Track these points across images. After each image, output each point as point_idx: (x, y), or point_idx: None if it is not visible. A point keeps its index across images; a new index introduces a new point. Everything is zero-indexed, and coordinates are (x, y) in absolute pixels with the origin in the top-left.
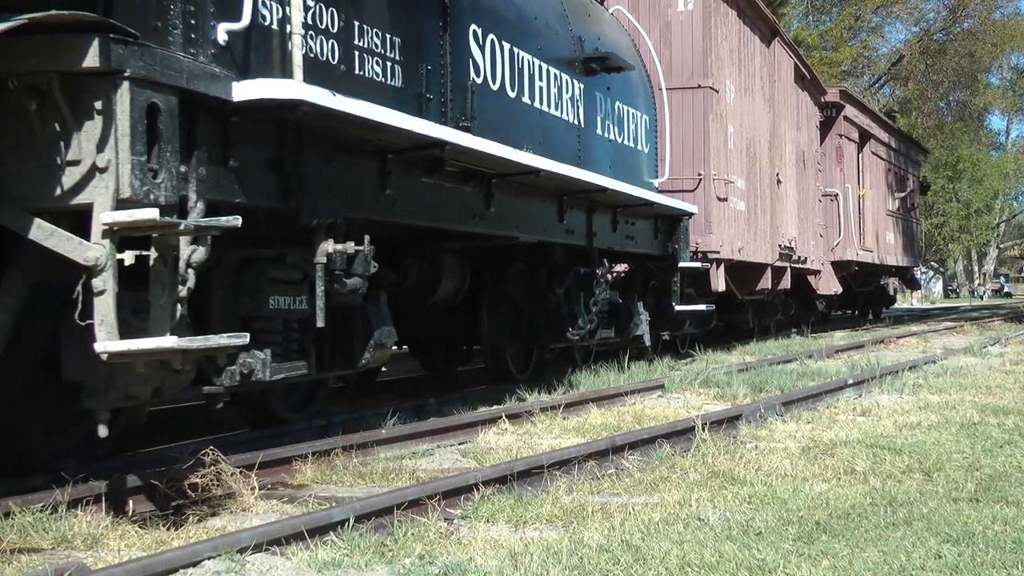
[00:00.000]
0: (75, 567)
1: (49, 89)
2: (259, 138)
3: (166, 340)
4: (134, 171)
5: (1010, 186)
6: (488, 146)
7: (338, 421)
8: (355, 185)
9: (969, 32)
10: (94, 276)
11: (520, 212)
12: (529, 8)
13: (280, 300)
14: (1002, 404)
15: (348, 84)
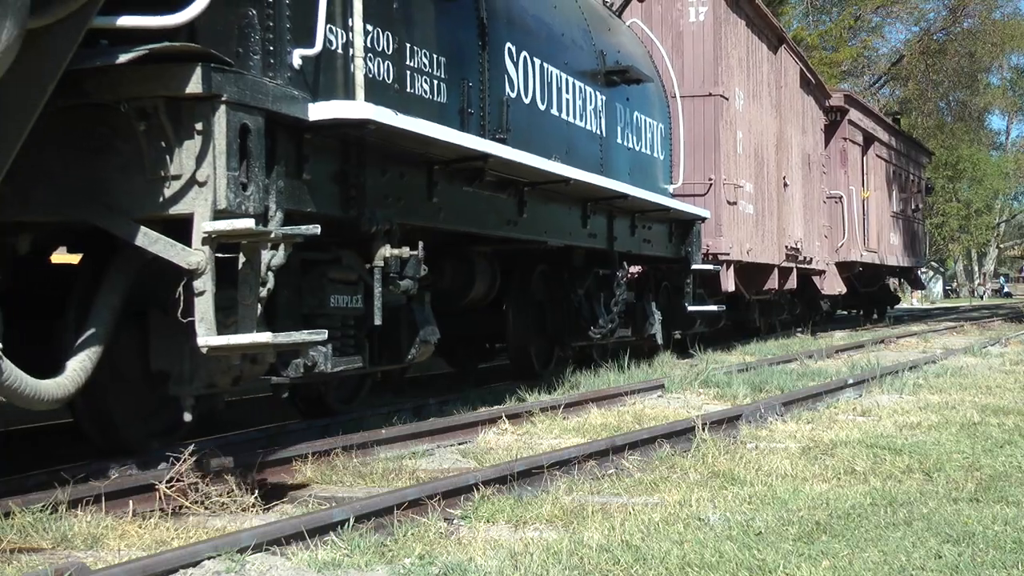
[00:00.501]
0: (75, 567)
1: (155, 112)
2: (326, 153)
3: (262, 336)
4: (229, 185)
5: (1010, 186)
6: (524, 157)
7: (338, 421)
8: (406, 194)
9: (969, 32)
10: (195, 278)
11: (549, 218)
12: (557, 25)
13: (339, 299)
14: (1002, 404)
15: (400, 101)
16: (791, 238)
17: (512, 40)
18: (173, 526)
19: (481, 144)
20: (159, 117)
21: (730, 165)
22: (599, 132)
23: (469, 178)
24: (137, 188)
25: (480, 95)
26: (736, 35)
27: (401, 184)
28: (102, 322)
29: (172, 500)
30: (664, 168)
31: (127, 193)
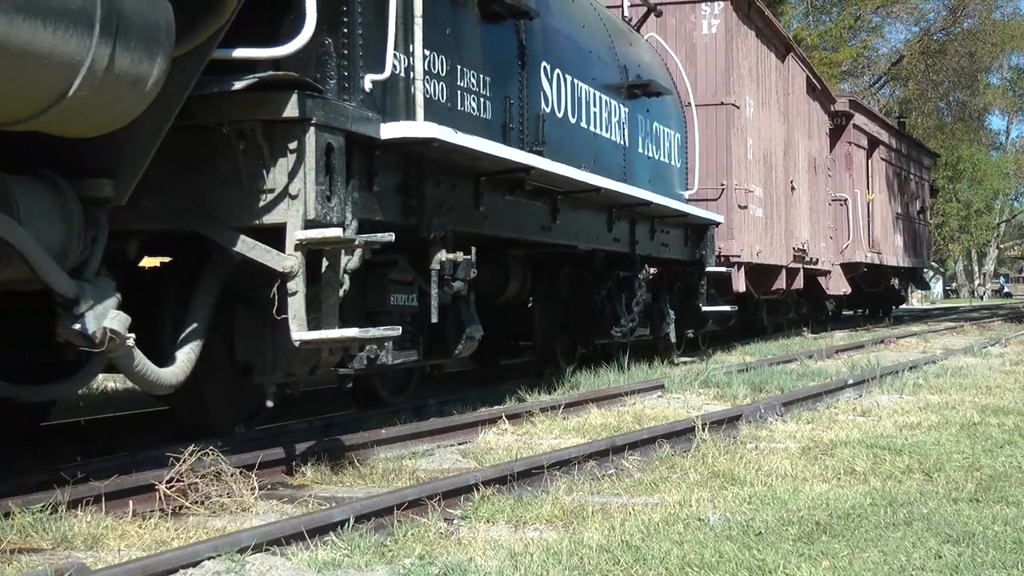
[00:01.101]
0: (75, 567)
1: (253, 133)
2: (391, 167)
3: (350, 331)
4: (317, 198)
5: (1010, 186)
6: (561, 169)
7: (338, 421)
8: (457, 203)
9: (969, 32)
10: (289, 280)
11: (578, 223)
12: (585, 43)
13: (398, 298)
14: (1002, 404)
15: (452, 118)
16: (798, 240)
17: (547, 58)
18: (173, 526)
19: (524, 157)
20: (256, 138)
21: (741, 171)
22: (623, 142)
23: (511, 188)
24: (235, 200)
25: (520, 111)
26: (746, 46)
27: (453, 194)
28: (201, 318)
29: (172, 500)
30: (680, 175)
31: (226, 204)
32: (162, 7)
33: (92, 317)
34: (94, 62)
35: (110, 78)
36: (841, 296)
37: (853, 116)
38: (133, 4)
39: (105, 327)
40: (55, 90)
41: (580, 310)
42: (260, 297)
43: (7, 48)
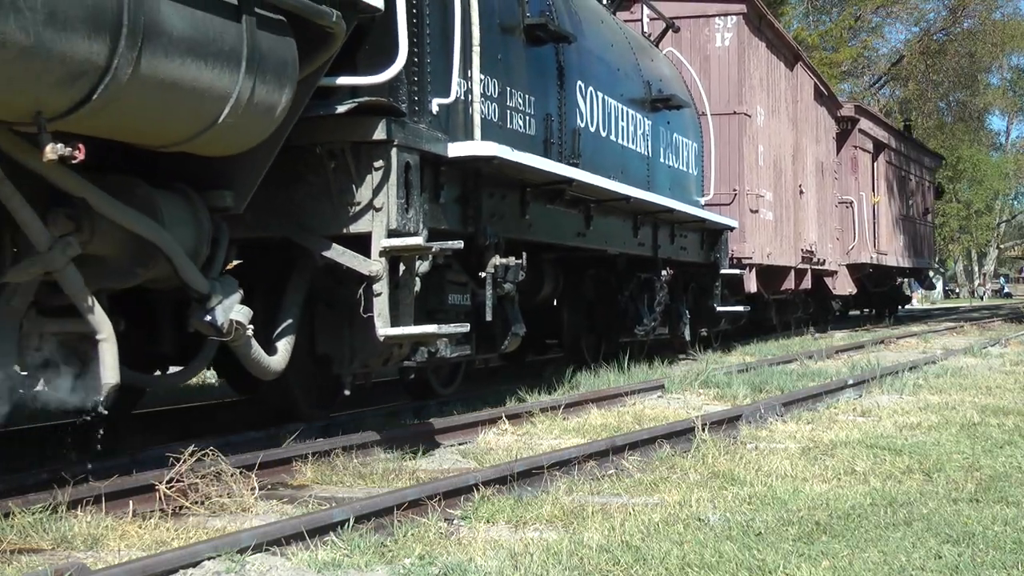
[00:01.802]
0: (75, 567)
1: (342, 153)
2: (454, 181)
3: (430, 327)
4: (398, 210)
5: (1010, 186)
6: (598, 180)
7: (338, 421)
8: (506, 212)
9: (969, 32)
10: (374, 283)
11: (608, 229)
12: (613, 61)
13: (454, 298)
14: (1002, 404)
15: (503, 135)
16: (806, 241)
17: (581, 78)
18: (173, 526)
19: (565, 170)
20: (346, 157)
21: (752, 176)
22: (647, 153)
23: (551, 198)
24: (325, 212)
25: (559, 126)
26: (757, 57)
27: (503, 204)
28: (293, 316)
29: (172, 500)
30: (697, 182)
31: (317, 216)
32: (289, 44)
33: (221, 310)
34: (239, 94)
35: (250, 107)
36: (847, 296)
37: (859, 121)
38: (269, 43)
39: (231, 319)
40: (209, 118)
41: (604, 310)
42: (340, 297)
43: (178, 85)
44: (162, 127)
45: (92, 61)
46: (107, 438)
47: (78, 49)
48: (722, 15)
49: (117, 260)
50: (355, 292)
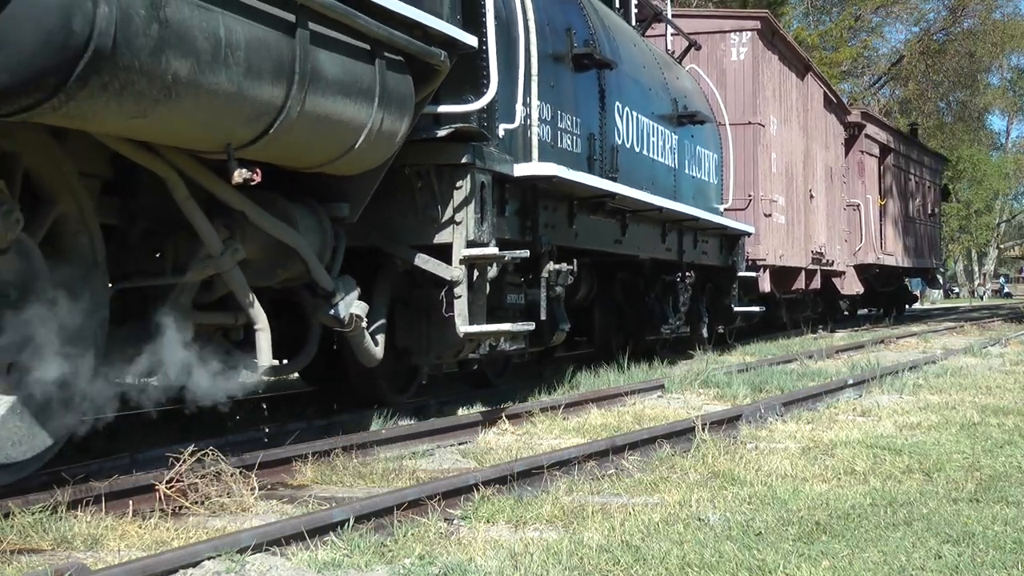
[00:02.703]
0: (75, 567)
1: (428, 174)
2: (515, 196)
3: (504, 325)
4: (475, 223)
5: (1010, 186)
6: (635, 193)
7: (338, 421)
8: (557, 223)
9: (969, 32)
10: (455, 287)
11: (640, 236)
12: (645, 81)
13: (512, 298)
14: (1002, 404)
15: (554, 155)
16: (816, 243)
17: (619, 98)
18: (173, 526)
19: (609, 185)
20: (430, 178)
21: (766, 183)
22: (673, 165)
23: (593, 209)
24: (411, 224)
25: (600, 144)
26: (770, 69)
27: (554, 216)
28: (381, 314)
29: (172, 500)
30: (717, 190)
31: (404, 228)
32: (408, 81)
33: (343, 305)
34: (372, 124)
35: (379, 135)
36: (855, 295)
37: (865, 126)
38: (394, 81)
39: (351, 312)
40: (348, 145)
41: (632, 310)
42: (416, 298)
43: (330, 119)
44: (314, 152)
45: (272, 102)
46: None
47: (264, 93)
48: (737, 31)
49: (262, 262)
50: (429, 293)
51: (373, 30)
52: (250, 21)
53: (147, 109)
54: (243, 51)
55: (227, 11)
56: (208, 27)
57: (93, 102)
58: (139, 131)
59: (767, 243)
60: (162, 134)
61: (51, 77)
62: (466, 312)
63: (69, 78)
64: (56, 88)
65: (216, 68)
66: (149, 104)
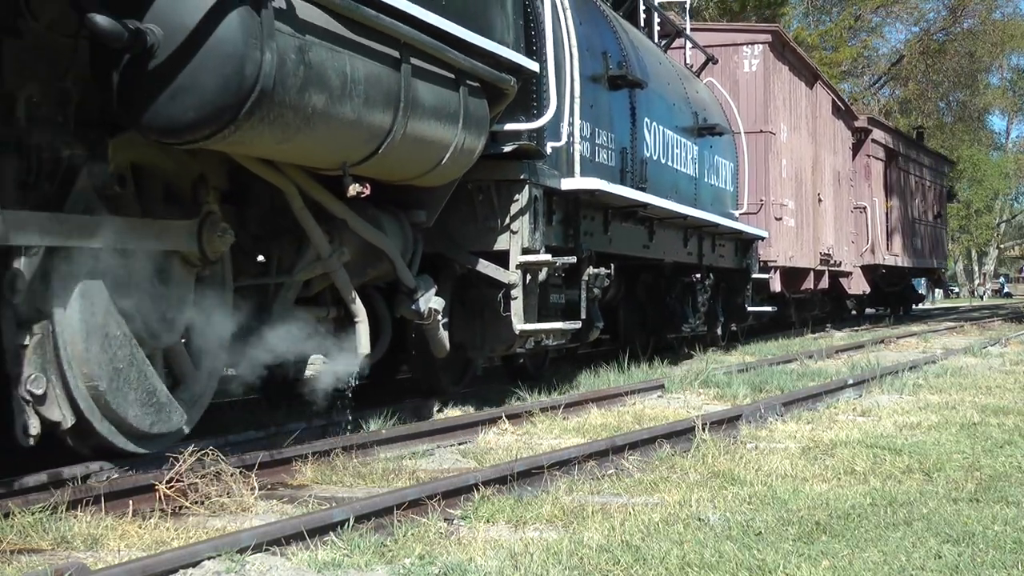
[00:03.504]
0: (75, 567)
1: (488, 188)
2: (561, 207)
3: (556, 323)
4: (530, 232)
5: (1010, 186)
6: (664, 203)
7: (338, 421)
8: (595, 231)
9: (969, 32)
10: (512, 289)
11: (665, 242)
12: (670, 97)
13: (554, 298)
14: (1002, 404)
15: (592, 169)
16: (824, 245)
17: (647, 114)
18: (173, 526)
19: (641, 196)
20: (490, 192)
21: (777, 188)
22: (694, 175)
23: (625, 217)
24: (471, 233)
25: (631, 158)
26: (781, 79)
27: (592, 224)
28: (445, 312)
29: (172, 500)
30: (732, 197)
31: (465, 236)
32: (484, 104)
33: (423, 301)
34: (456, 143)
35: (461, 152)
36: (861, 295)
37: (872, 131)
38: (473, 105)
39: (430, 307)
40: (436, 161)
41: (654, 310)
42: (471, 298)
43: (425, 139)
44: (409, 168)
45: (382, 127)
46: None
47: (376, 119)
48: (750, 44)
49: (356, 263)
50: (483, 293)
51: (459, 61)
52: (367, 59)
53: (290, 136)
54: (363, 85)
55: (351, 51)
56: (338, 66)
57: (253, 131)
58: (280, 153)
59: (777, 245)
60: (297, 155)
61: (227, 113)
62: (521, 311)
63: (239, 113)
64: (229, 121)
65: (343, 100)
66: (292, 132)
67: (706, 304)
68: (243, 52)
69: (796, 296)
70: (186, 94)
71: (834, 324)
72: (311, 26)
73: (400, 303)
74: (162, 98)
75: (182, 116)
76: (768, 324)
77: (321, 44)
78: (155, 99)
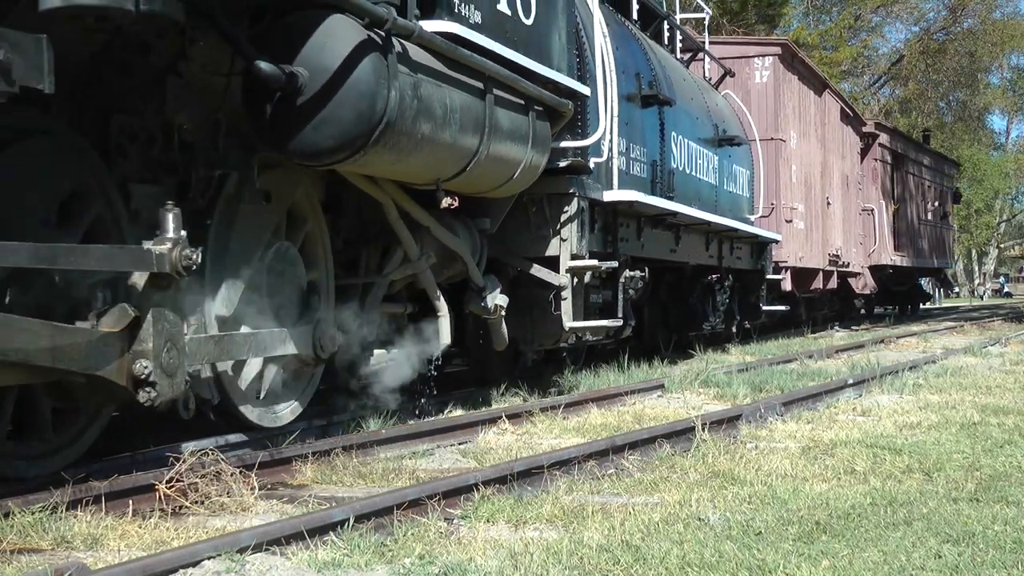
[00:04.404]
0: (75, 567)
1: (541, 200)
2: (601, 216)
3: (602, 321)
4: (577, 240)
5: (1010, 186)
6: (692, 211)
7: (338, 421)
8: (630, 237)
9: (969, 32)
10: (562, 291)
11: (690, 246)
12: (693, 111)
13: (593, 298)
14: (1002, 404)
15: (628, 181)
16: (833, 246)
17: (674, 129)
18: (173, 526)
19: (671, 205)
20: (543, 204)
21: (787, 192)
22: (715, 182)
23: (655, 224)
24: (525, 240)
25: (660, 169)
26: (790, 89)
27: (627, 231)
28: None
29: (172, 500)
30: (748, 202)
31: (519, 243)
32: (547, 126)
33: (490, 298)
34: (525, 161)
35: (529, 168)
36: (869, 294)
37: (879, 136)
38: (539, 127)
39: (496, 303)
40: (509, 176)
41: (676, 309)
42: (520, 297)
43: (502, 158)
44: (486, 183)
45: (471, 148)
46: (107, 438)
47: (468, 143)
48: (760, 56)
49: (436, 265)
50: (532, 293)
51: (529, 89)
52: (461, 91)
53: (403, 158)
54: (458, 113)
55: (450, 85)
56: (440, 98)
57: (376, 155)
58: (390, 172)
59: (788, 247)
60: (402, 173)
61: (359, 140)
62: (571, 310)
63: (369, 140)
64: (361, 147)
65: (444, 127)
66: (404, 154)
67: (724, 304)
68: (375, 90)
69: (806, 295)
70: (327, 125)
71: (843, 322)
72: (421, 66)
73: (470, 300)
74: (307, 128)
75: (323, 143)
76: (778, 322)
77: (428, 80)
78: (301, 129)
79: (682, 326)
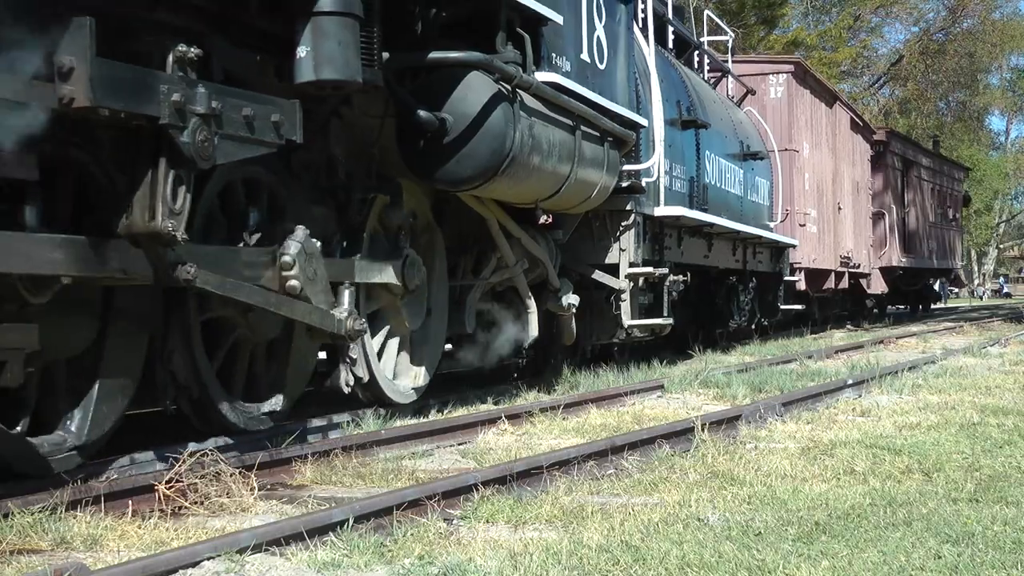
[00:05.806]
0: (75, 567)
1: (603, 216)
2: (651, 228)
3: (657, 319)
4: (634, 250)
5: (1010, 186)
6: (727, 223)
7: (338, 421)
8: (671, 245)
9: (969, 32)
10: (622, 294)
11: (720, 252)
12: (722, 130)
13: (642, 299)
14: (1002, 404)
15: (671, 197)
16: (844, 248)
17: (708, 148)
18: (172, 526)
19: (709, 217)
20: (604, 219)
21: (800, 199)
22: (740, 194)
23: (692, 233)
24: (589, 249)
25: (696, 184)
26: (803, 102)
27: (671, 240)
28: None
29: (171, 500)
30: (768, 210)
31: (583, 252)
32: (617, 153)
33: (565, 299)
34: (601, 183)
35: (602, 189)
36: (880, 295)
37: (889, 143)
38: (611, 155)
39: (569, 303)
40: (587, 196)
41: (704, 308)
42: (582, 298)
43: (585, 182)
44: (570, 202)
45: (564, 175)
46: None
47: (562, 170)
48: (775, 73)
49: (525, 269)
50: (591, 295)
51: (605, 124)
52: (559, 129)
53: (517, 184)
54: (557, 147)
55: (551, 124)
56: (545, 135)
57: (499, 183)
58: (506, 196)
59: (802, 249)
60: (512, 196)
61: (491, 171)
62: (628, 310)
63: (497, 172)
64: (491, 176)
65: (548, 158)
66: (518, 181)
67: (748, 303)
68: (504, 132)
69: (819, 295)
70: (468, 159)
71: (855, 320)
72: (533, 110)
73: (548, 299)
74: (451, 162)
75: (464, 173)
76: (792, 320)
77: (538, 121)
78: (446, 162)
79: (710, 323)
